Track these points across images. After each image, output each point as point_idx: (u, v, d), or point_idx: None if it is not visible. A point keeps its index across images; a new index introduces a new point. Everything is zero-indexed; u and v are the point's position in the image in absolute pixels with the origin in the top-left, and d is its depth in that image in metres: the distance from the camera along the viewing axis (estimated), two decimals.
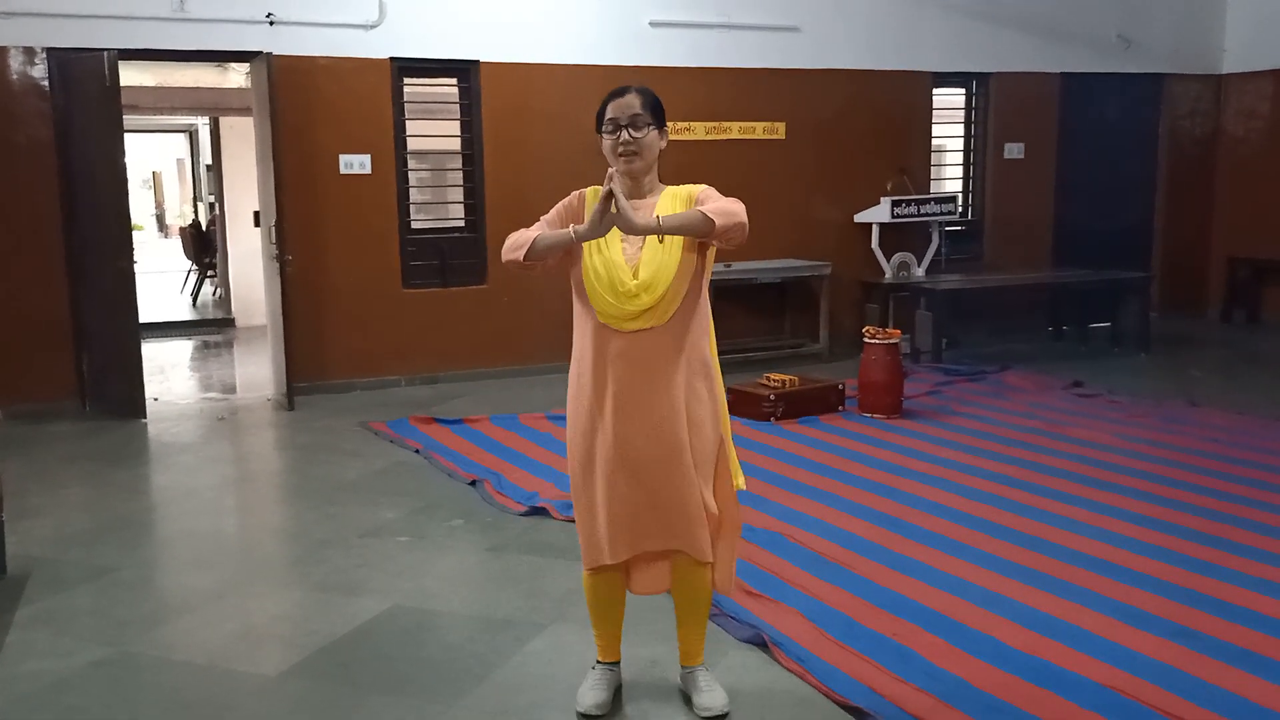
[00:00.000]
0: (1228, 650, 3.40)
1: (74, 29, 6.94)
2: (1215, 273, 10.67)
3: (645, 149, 2.92)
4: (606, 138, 2.93)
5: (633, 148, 2.90)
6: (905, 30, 9.19)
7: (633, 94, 2.92)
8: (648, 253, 2.88)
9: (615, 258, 2.88)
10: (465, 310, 8.11)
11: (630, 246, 2.91)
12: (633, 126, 2.89)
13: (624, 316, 2.87)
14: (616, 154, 2.92)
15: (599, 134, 2.97)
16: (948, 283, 8.84)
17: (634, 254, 2.89)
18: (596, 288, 2.89)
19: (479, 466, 5.71)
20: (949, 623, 3.63)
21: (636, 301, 2.85)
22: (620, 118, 2.90)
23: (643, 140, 2.91)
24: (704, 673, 3.16)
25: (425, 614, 3.89)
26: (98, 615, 3.94)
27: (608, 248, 2.90)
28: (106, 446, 6.47)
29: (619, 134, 2.90)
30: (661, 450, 2.90)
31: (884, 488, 5.23)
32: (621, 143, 2.90)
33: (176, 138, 19.43)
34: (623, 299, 2.86)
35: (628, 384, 2.90)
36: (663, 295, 2.85)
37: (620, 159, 2.91)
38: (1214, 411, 6.74)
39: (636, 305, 2.85)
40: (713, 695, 3.10)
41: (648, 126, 2.91)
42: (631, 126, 2.89)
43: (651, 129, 2.92)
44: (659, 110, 2.95)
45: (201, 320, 12.22)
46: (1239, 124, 10.56)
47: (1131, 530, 4.54)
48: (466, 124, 8.07)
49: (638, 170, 2.94)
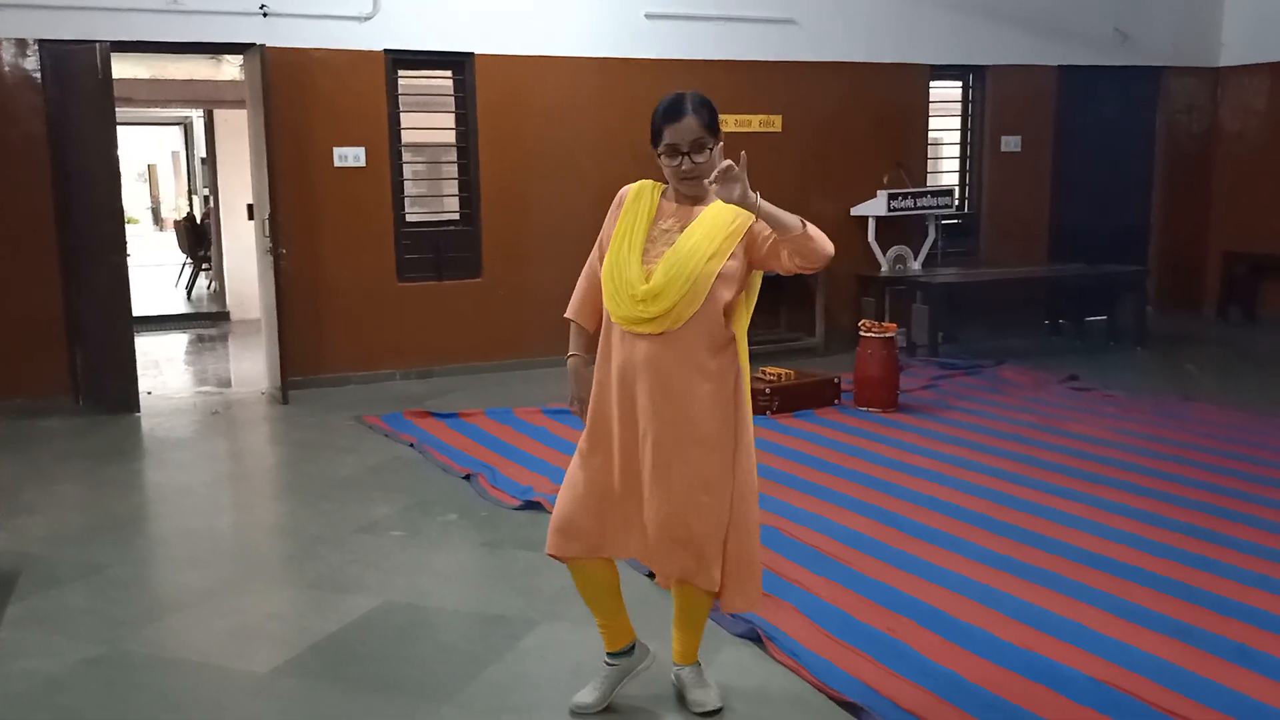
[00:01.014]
0: (1224, 646, 3.39)
1: (67, 21, 6.90)
2: (1211, 268, 10.65)
3: (707, 170, 2.78)
4: (666, 161, 2.85)
5: (695, 174, 2.83)
6: (902, 23, 9.16)
7: (690, 116, 2.79)
8: (664, 261, 2.82)
9: (632, 259, 2.85)
10: (460, 304, 8.09)
11: (652, 249, 2.86)
12: (694, 152, 2.81)
13: (633, 320, 2.84)
14: (679, 179, 2.86)
15: (654, 150, 2.87)
16: (944, 277, 8.83)
17: (654, 258, 2.84)
18: (611, 289, 2.88)
19: (474, 461, 5.70)
20: (945, 618, 3.62)
21: (645, 308, 2.81)
22: (681, 144, 2.80)
23: (703, 166, 2.81)
24: (697, 670, 3.14)
25: (419, 611, 3.88)
26: (90, 613, 3.92)
27: (629, 248, 2.86)
28: (100, 442, 6.44)
29: (680, 160, 2.82)
30: (661, 456, 2.85)
31: (880, 482, 5.22)
32: (683, 170, 2.83)
33: (171, 130, 19.40)
34: (633, 303, 2.83)
35: (635, 387, 2.87)
36: (673, 305, 2.79)
37: (683, 183, 2.87)
38: (1209, 407, 6.74)
39: (645, 312, 2.81)
40: (705, 692, 3.09)
41: (707, 149, 2.82)
42: (693, 152, 2.81)
43: (713, 149, 2.83)
44: (716, 125, 2.84)
45: (196, 314, 12.19)
46: (1236, 118, 10.54)
47: (1127, 525, 4.53)
48: (461, 117, 8.04)
49: (701, 192, 2.88)
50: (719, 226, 2.83)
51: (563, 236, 8.10)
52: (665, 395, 2.84)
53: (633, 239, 2.87)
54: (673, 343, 2.83)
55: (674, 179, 2.89)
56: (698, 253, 2.80)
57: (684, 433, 2.84)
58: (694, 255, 2.80)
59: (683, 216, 2.89)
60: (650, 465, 2.86)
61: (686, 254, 2.80)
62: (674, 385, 2.84)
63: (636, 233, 2.89)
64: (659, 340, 2.83)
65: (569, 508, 2.98)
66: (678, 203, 2.92)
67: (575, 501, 2.97)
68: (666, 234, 2.87)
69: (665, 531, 2.87)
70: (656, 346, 2.84)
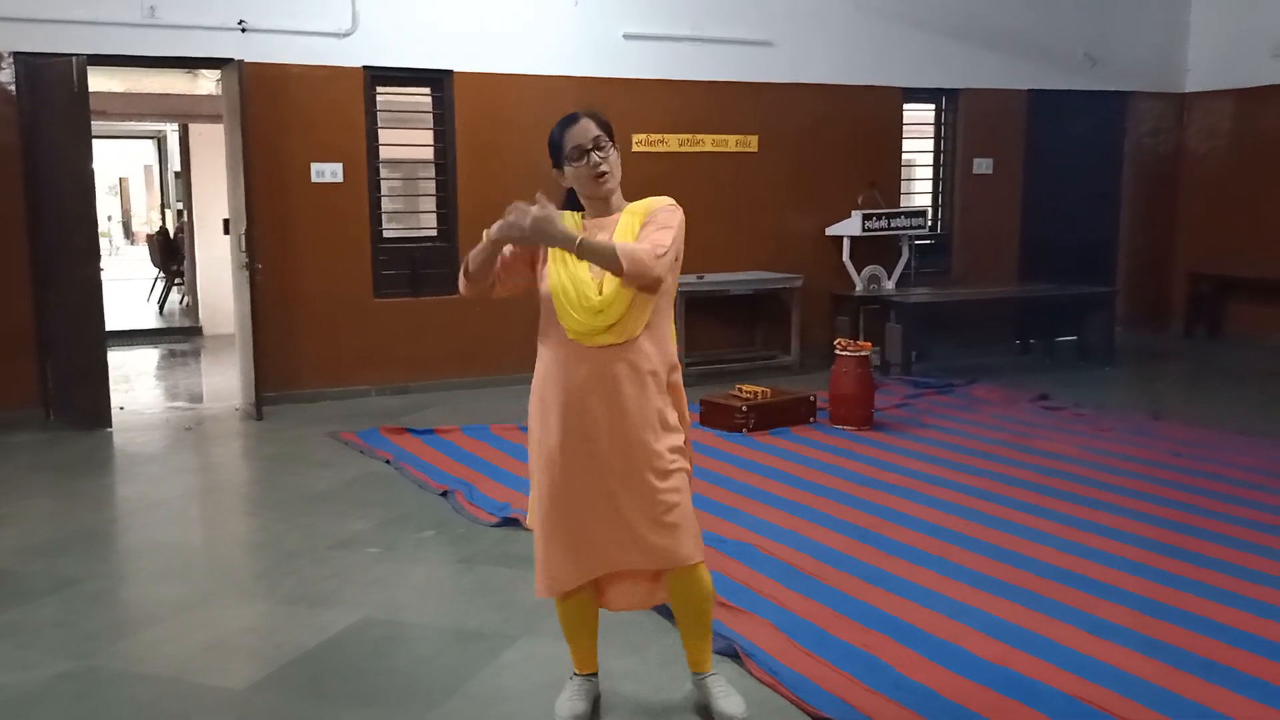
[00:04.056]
0: (1192, 661, 3.44)
1: (42, 34, 6.87)
2: (1178, 288, 10.83)
3: (614, 167, 2.94)
4: (574, 166, 2.92)
5: (604, 168, 2.91)
6: (876, 46, 9.28)
7: (585, 119, 2.92)
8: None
9: (581, 274, 2.88)
10: (437, 320, 8.09)
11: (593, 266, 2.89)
12: (598, 148, 2.90)
13: (592, 331, 2.86)
14: (592, 178, 2.92)
15: (558, 168, 2.96)
16: (917, 296, 8.92)
17: (599, 271, 2.87)
18: (565, 304, 2.88)
19: (450, 477, 5.69)
20: (919, 633, 3.66)
21: (603, 317, 2.85)
22: (584, 143, 2.90)
23: (610, 159, 2.92)
24: (718, 679, 3.15)
25: (396, 626, 3.87)
26: (62, 628, 3.89)
27: (574, 264, 2.89)
28: (71, 456, 6.38)
29: (587, 158, 2.90)
30: (628, 464, 2.89)
31: (855, 499, 5.26)
32: (593, 165, 2.90)
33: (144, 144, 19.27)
34: (590, 314, 2.85)
35: (594, 400, 2.89)
36: (626, 310, 2.85)
37: (596, 182, 2.92)
38: (1177, 425, 6.84)
39: (603, 320, 2.85)
40: (731, 701, 3.10)
41: (609, 145, 2.93)
42: (597, 148, 2.90)
43: (611, 146, 2.94)
44: (609, 130, 2.96)
45: (168, 328, 12.11)
46: (1201, 142, 10.74)
47: (1097, 542, 4.59)
48: (440, 133, 8.06)
49: (612, 190, 2.96)
50: (633, 228, 2.91)
51: None
52: (619, 402, 2.88)
53: (571, 258, 2.89)
54: (627, 352, 2.88)
55: (588, 183, 2.94)
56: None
57: (646, 436, 2.89)
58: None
59: (606, 228, 2.94)
60: (618, 473, 2.89)
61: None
62: (628, 390, 2.88)
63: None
64: (613, 351, 2.87)
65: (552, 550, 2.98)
66: (600, 215, 2.98)
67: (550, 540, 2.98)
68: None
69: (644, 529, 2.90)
70: (610, 357, 2.88)
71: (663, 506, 2.91)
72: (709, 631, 3.14)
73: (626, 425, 2.89)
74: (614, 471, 2.90)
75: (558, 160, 2.96)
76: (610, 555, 2.97)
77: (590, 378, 2.89)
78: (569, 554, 2.97)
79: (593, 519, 2.94)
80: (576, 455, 2.92)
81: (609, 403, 2.88)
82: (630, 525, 2.91)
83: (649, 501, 2.90)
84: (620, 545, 2.95)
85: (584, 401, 2.90)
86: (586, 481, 2.92)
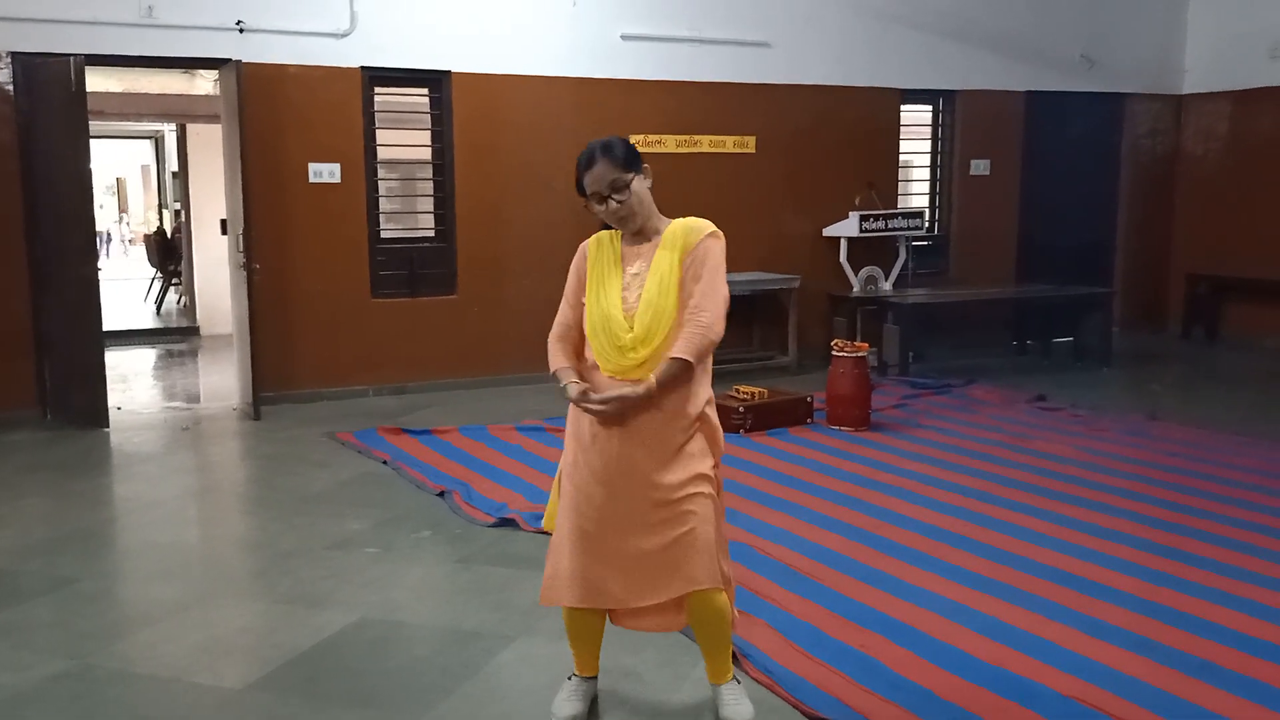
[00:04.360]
0: (1187, 661, 3.45)
1: (40, 33, 6.86)
2: (1175, 289, 10.84)
3: (635, 207, 2.90)
4: (595, 209, 2.93)
5: (623, 212, 2.91)
6: (874, 48, 9.29)
7: (601, 163, 2.87)
8: (643, 304, 2.88)
9: (613, 311, 2.89)
10: (434, 320, 8.09)
11: (629, 296, 2.91)
12: (615, 192, 2.88)
13: (622, 369, 2.88)
14: (612, 222, 2.94)
15: (583, 199, 2.95)
16: (914, 297, 8.92)
17: (633, 303, 2.89)
18: (598, 344, 2.91)
19: (447, 478, 5.69)
20: (915, 634, 3.66)
21: (633, 354, 2.86)
22: (601, 189, 2.88)
23: (629, 202, 2.89)
24: (731, 688, 3.14)
25: (393, 626, 3.87)
26: (58, 628, 3.89)
27: (606, 300, 2.91)
28: (68, 456, 6.38)
29: (606, 205, 2.90)
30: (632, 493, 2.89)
31: (852, 500, 5.26)
32: (611, 212, 2.90)
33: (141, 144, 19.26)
34: (621, 353, 2.87)
35: (614, 431, 2.89)
36: (657, 348, 2.85)
37: (619, 223, 2.94)
38: (1174, 426, 6.85)
39: (633, 359, 2.86)
40: (737, 708, 3.09)
41: (626, 187, 2.88)
42: (614, 193, 2.88)
43: (632, 182, 2.89)
44: (632, 158, 2.90)
45: (165, 329, 12.09)
46: (1198, 143, 10.75)
47: (1094, 543, 4.60)
48: (437, 134, 8.06)
49: (637, 226, 2.95)
50: (674, 263, 2.89)
51: (538, 254, 8.13)
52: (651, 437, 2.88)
53: (608, 290, 2.92)
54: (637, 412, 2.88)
55: (613, 222, 2.95)
56: (665, 292, 2.87)
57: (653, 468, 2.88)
58: (664, 294, 2.87)
59: (645, 256, 2.94)
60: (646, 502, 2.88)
61: (659, 295, 2.87)
62: (659, 426, 2.88)
63: (611, 282, 2.94)
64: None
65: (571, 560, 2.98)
66: (637, 243, 2.97)
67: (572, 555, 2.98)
68: (637, 277, 2.93)
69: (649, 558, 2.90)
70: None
71: (667, 536, 2.89)
72: (727, 648, 3.13)
73: (635, 457, 2.88)
74: (624, 499, 2.90)
75: (580, 191, 2.94)
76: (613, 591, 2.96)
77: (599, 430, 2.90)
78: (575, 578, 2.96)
79: (606, 547, 2.93)
80: (595, 479, 2.92)
81: (624, 435, 2.88)
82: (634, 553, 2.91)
83: (650, 531, 2.89)
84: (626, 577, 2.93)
85: (607, 430, 2.90)
86: (602, 506, 2.92)
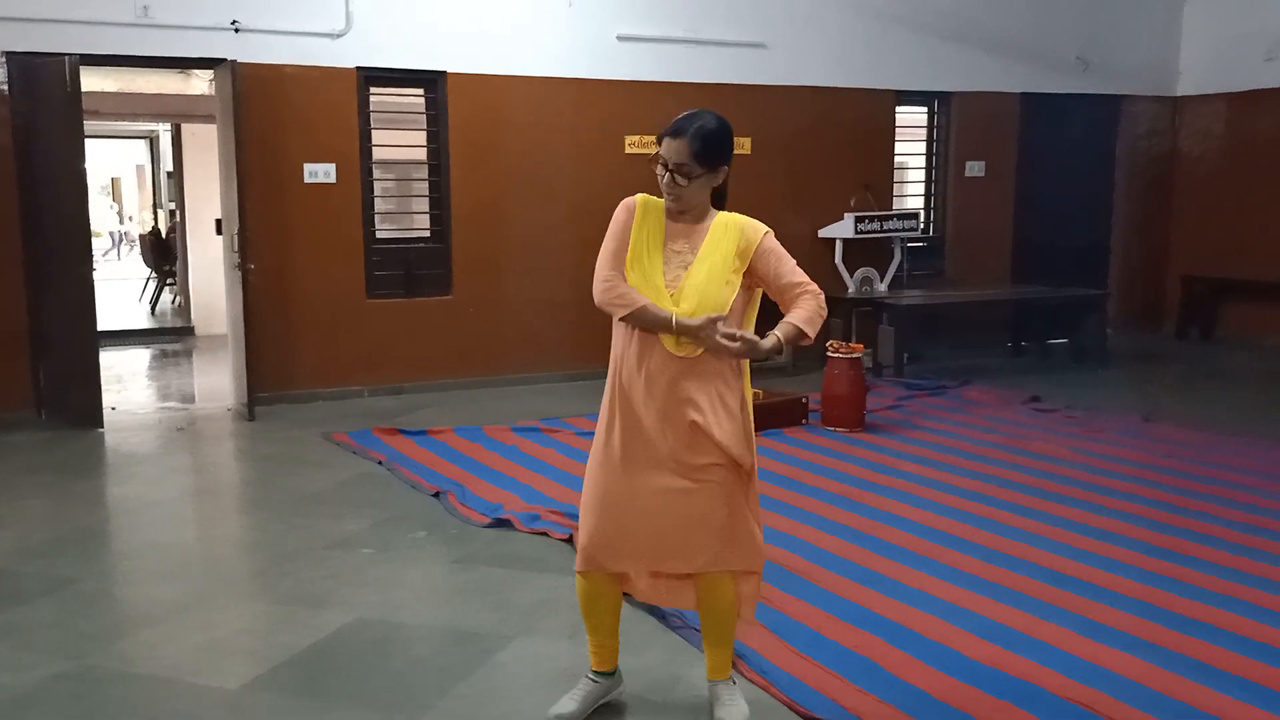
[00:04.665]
0: (1184, 662, 3.47)
1: (36, 33, 6.86)
2: (1170, 290, 10.88)
3: (688, 196, 2.92)
4: (657, 169, 2.93)
5: (675, 193, 2.92)
6: (870, 49, 9.31)
7: (685, 139, 2.86)
8: (689, 282, 2.89)
9: (659, 282, 2.91)
10: (430, 321, 8.09)
11: (670, 271, 2.92)
12: (678, 173, 2.89)
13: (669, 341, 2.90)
14: (663, 191, 2.95)
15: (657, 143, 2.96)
16: (910, 298, 8.94)
17: (675, 279, 2.91)
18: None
19: (443, 478, 5.70)
20: (911, 634, 3.68)
21: (673, 342, 2.88)
22: (668, 160, 2.89)
23: (685, 191, 2.90)
24: (727, 686, 3.15)
25: (391, 626, 3.88)
26: (59, 628, 3.89)
27: (651, 269, 2.91)
28: (65, 457, 6.38)
29: (664, 175, 2.91)
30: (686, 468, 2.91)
31: (847, 501, 5.28)
32: (665, 184, 2.92)
33: (137, 144, 19.23)
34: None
35: (664, 401, 2.91)
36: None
37: (666, 194, 2.95)
38: (1170, 427, 6.87)
39: (674, 347, 2.88)
40: (732, 709, 3.09)
41: (696, 176, 2.89)
42: (677, 173, 2.89)
43: (700, 178, 2.90)
44: (713, 155, 2.89)
45: (160, 329, 12.08)
46: (1194, 145, 10.79)
47: (1089, 543, 4.61)
48: (433, 134, 8.06)
49: (682, 211, 2.97)
50: (728, 254, 2.91)
51: (534, 255, 8.14)
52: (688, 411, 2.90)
53: (652, 259, 2.93)
54: (698, 365, 2.90)
55: (661, 189, 2.96)
56: (714, 280, 2.88)
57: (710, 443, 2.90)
58: (712, 283, 2.88)
59: (691, 238, 2.95)
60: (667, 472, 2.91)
61: (705, 282, 2.88)
62: (700, 401, 2.90)
63: (653, 253, 2.94)
64: (690, 360, 2.90)
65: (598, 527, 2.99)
66: (682, 222, 2.98)
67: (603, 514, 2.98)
68: (679, 255, 2.94)
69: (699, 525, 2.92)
70: (685, 367, 2.91)
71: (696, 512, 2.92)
72: (729, 642, 3.14)
73: (678, 430, 2.90)
74: (663, 470, 2.91)
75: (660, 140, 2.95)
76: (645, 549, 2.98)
77: (661, 375, 2.90)
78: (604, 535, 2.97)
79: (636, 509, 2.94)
80: (634, 446, 2.93)
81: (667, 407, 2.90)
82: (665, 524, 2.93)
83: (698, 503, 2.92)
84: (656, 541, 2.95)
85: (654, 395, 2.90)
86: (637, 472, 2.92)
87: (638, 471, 2.94)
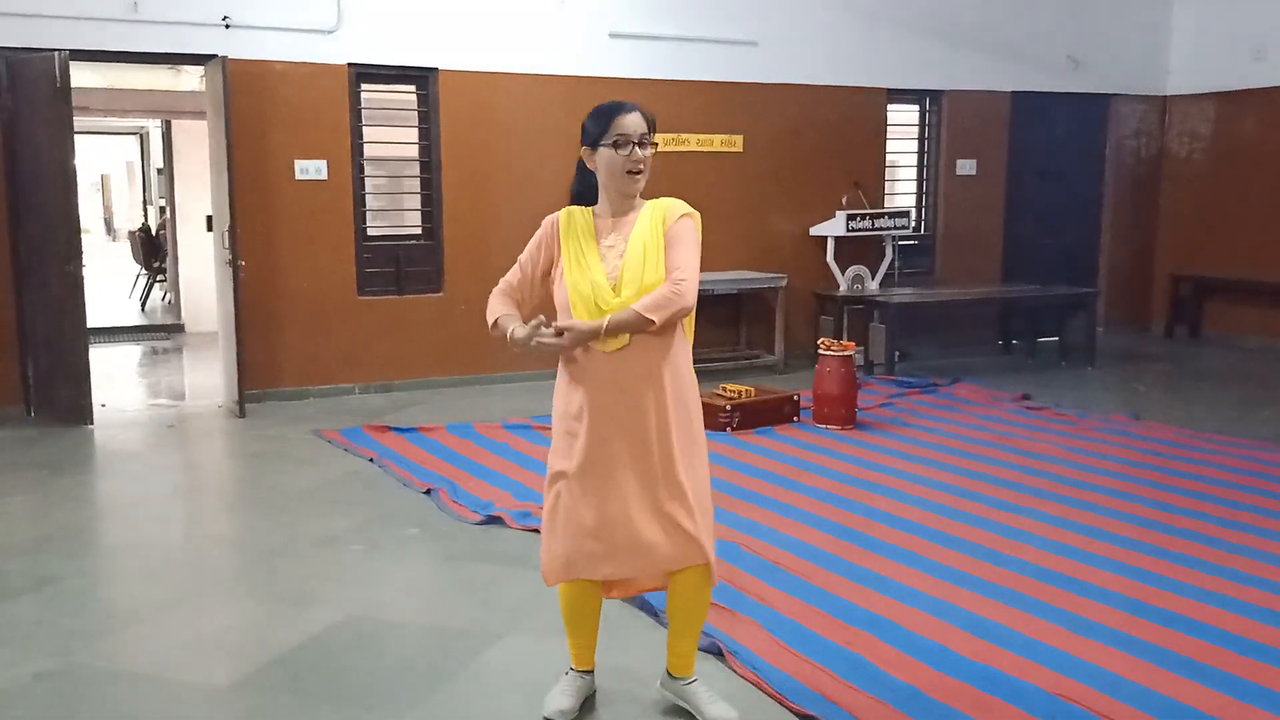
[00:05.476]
0: (1171, 658, 3.47)
1: (24, 28, 6.82)
2: (1159, 289, 10.91)
3: (648, 168, 2.98)
4: (612, 151, 2.92)
5: (641, 166, 2.95)
6: (861, 48, 9.31)
7: (638, 114, 2.94)
8: (625, 266, 2.90)
9: (598, 278, 2.91)
10: (421, 318, 8.07)
11: (608, 264, 2.93)
12: (642, 145, 2.93)
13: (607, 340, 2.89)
14: (625, 171, 2.94)
15: (592, 146, 2.96)
16: (901, 296, 8.95)
17: (614, 268, 2.92)
18: (582, 311, 2.90)
19: (434, 475, 5.69)
20: (901, 631, 3.68)
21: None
22: (633, 135, 2.92)
23: (648, 160, 2.96)
24: (701, 686, 3.14)
25: (379, 624, 3.86)
26: (42, 625, 3.87)
27: (592, 269, 2.92)
28: (52, 453, 6.34)
29: (631, 150, 2.92)
30: (644, 466, 2.90)
31: (838, 498, 5.28)
32: (634, 159, 2.93)
33: (126, 140, 19.16)
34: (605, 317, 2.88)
35: (611, 402, 2.91)
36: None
37: (629, 177, 2.95)
38: (1158, 425, 6.89)
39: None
40: (720, 706, 3.09)
41: (651, 147, 2.96)
42: (641, 145, 2.93)
43: (653, 148, 2.97)
44: (655, 129, 3.00)
45: (150, 325, 12.04)
46: (1182, 144, 10.82)
47: (1078, 540, 4.62)
48: (425, 131, 8.04)
49: (640, 190, 2.99)
50: (657, 232, 2.93)
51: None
52: (634, 405, 2.90)
53: (588, 260, 2.94)
54: (635, 353, 2.90)
55: (619, 176, 2.95)
56: (649, 258, 2.90)
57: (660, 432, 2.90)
58: (647, 260, 2.90)
59: (621, 229, 2.97)
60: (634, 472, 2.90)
61: (640, 260, 2.90)
62: (643, 392, 2.90)
63: (588, 253, 2.95)
64: (621, 354, 2.89)
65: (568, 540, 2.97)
66: (611, 218, 3.00)
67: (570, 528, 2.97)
68: (613, 249, 2.96)
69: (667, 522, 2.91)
70: (620, 360, 2.90)
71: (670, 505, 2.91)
72: (696, 636, 3.14)
73: (644, 425, 2.90)
74: (630, 470, 2.91)
75: (595, 140, 2.95)
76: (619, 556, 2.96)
77: (603, 379, 2.91)
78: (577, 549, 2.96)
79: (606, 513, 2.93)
80: (598, 453, 2.92)
81: (622, 405, 2.90)
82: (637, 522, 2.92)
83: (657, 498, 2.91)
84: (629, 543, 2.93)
85: (597, 403, 2.91)
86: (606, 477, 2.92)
87: (607, 477, 2.93)
